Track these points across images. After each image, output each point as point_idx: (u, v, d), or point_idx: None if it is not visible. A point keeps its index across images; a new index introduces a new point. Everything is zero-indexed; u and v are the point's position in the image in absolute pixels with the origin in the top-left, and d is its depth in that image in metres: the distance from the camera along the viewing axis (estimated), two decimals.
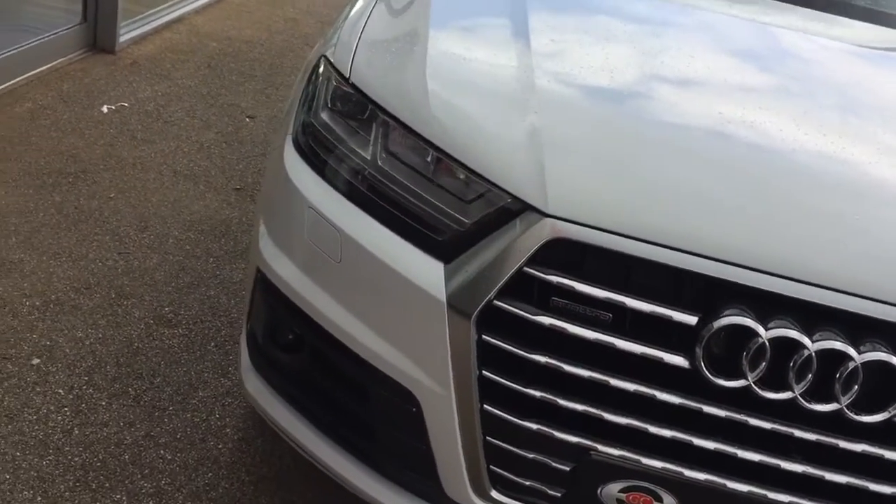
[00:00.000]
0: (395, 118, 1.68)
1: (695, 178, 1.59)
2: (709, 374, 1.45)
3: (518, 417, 1.51)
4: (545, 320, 1.47)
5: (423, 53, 1.80)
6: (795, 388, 1.44)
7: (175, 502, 2.07)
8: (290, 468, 2.22)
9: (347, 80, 1.78)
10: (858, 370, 1.42)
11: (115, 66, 4.18)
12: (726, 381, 1.45)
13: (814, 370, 1.43)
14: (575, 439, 1.50)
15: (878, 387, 1.44)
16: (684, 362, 1.46)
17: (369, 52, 1.84)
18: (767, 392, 1.45)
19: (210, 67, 4.45)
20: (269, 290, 1.80)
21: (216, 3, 5.35)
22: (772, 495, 1.48)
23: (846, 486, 1.47)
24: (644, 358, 1.46)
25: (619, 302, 1.46)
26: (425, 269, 1.56)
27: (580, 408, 1.49)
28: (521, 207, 1.51)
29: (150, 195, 3.24)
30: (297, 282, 1.73)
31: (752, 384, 1.44)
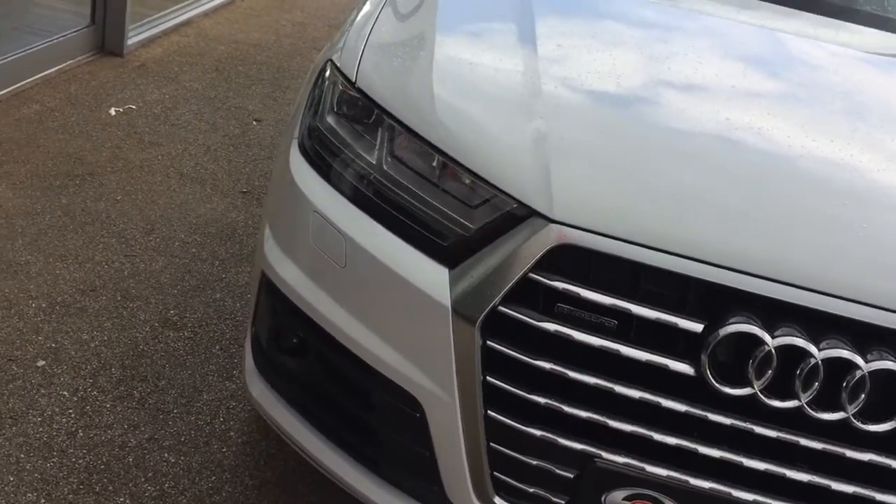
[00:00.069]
0: (401, 123, 1.67)
1: (701, 184, 1.59)
2: (714, 381, 1.44)
3: (522, 424, 1.51)
4: (550, 326, 1.47)
5: (430, 58, 1.80)
6: (802, 397, 1.43)
7: None
8: (293, 472, 2.21)
9: (353, 84, 1.78)
10: (865, 379, 1.41)
11: (122, 69, 4.19)
12: (732, 388, 1.44)
13: (820, 379, 1.42)
14: (579, 446, 1.50)
15: (886, 396, 1.44)
16: (690, 370, 1.45)
17: (375, 57, 1.84)
18: (773, 400, 1.44)
19: (218, 71, 4.46)
20: (274, 294, 1.80)
21: (224, 6, 5.36)
22: None
23: (853, 495, 1.46)
24: (649, 365, 1.46)
25: (625, 308, 1.45)
26: (430, 275, 1.56)
27: (584, 414, 1.48)
28: (526, 213, 1.51)
29: (157, 198, 3.24)
30: (302, 286, 1.73)
31: (758, 392, 1.43)
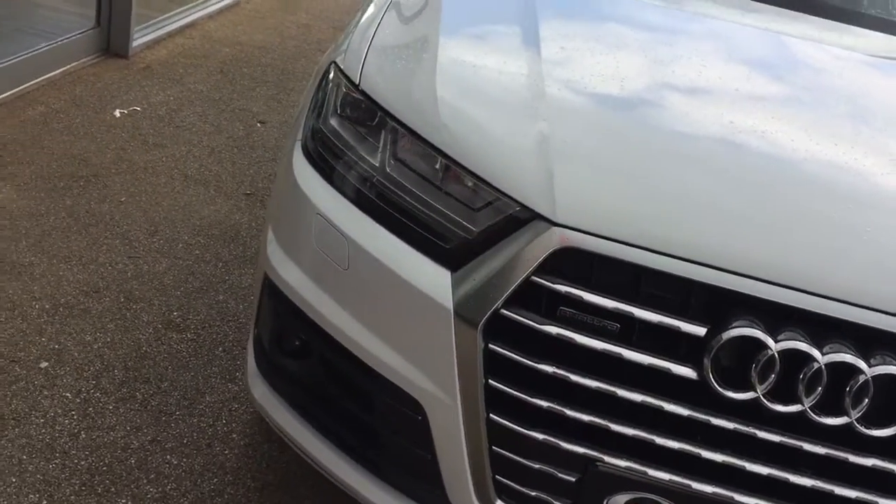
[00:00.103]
0: (404, 125, 1.67)
1: (705, 187, 1.58)
2: (717, 385, 1.43)
3: (524, 427, 1.50)
4: (552, 330, 1.46)
5: (433, 61, 1.80)
6: (805, 401, 1.42)
7: None
8: (296, 475, 2.21)
9: (357, 86, 1.78)
10: (869, 383, 1.41)
11: (127, 71, 4.20)
12: (735, 393, 1.44)
13: (823, 383, 1.41)
14: (581, 450, 1.49)
15: (889, 400, 1.43)
16: (692, 373, 1.45)
17: (379, 59, 1.84)
18: (776, 405, 1.43)
19: (222, 72, 4.46)
20: (276, 296, 1.80)
21: (229, 8, 5.37)
22: None
23: (856, 500, 1.45)
24: (652, 369, 1.45)
25: (627, 312, 1.45)
26: (432, 277, 1.55)
27: (587, 418, 1.48)
28: (529, 216, 1.51)
29: (161, 199, 3.25)
30: (304, 288, 1.73)
31: (760, 396, 1.43)
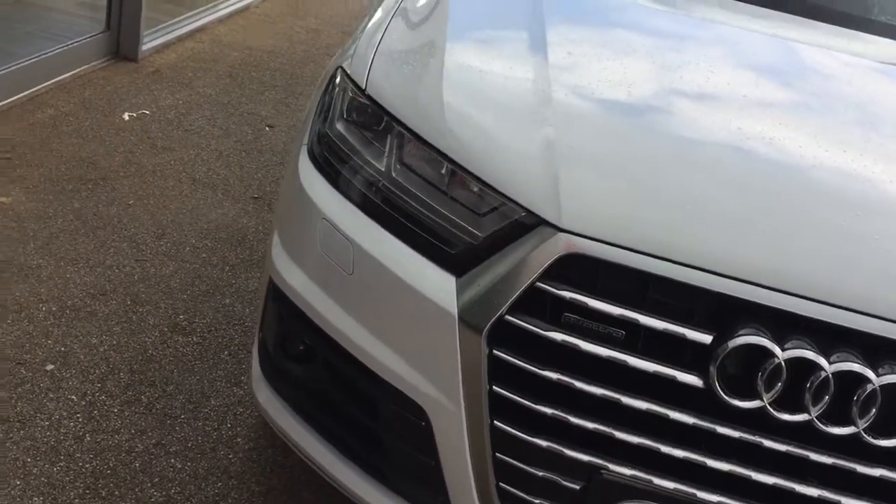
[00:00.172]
0: (411, 130, 1.67)
1: (712, 194, 1.57)
2: (723, 394, 1.42)
3: (528, 434, 1.49)
4: (557, 336, 1.45)
5: (440, 66, 1.79)
6: (812, 411, 1.41)
7: None
8: (300, 480, 2.21)
9: (363, 91, 1.78)
10: (877, 393, 1.40)
11: (137, 74, 4.21)
12: (741, 401, 1.42)
13: (831, 392, 1.40)
14: (586, 457, 1.48)
15: None
16: (698, 381, 1.44)
17: (386, 64, 1.84)
18: (783, 414, 1.42)
19: (231, 77, 4.47)
20: (281, 301, 1.80)
21: (239, 12, 5.38)
22: None
23: None
24: (657, 376, 1.44)
25: (633, 319, 1.44)
26: (437, 283, 1.55)
27: (591, 425, 1.47)
28: (534, 222, 1.50)
29: (169, 203, 3.25)
30: (309, 293, 1.72)
31: (767, 405, 1.42)
